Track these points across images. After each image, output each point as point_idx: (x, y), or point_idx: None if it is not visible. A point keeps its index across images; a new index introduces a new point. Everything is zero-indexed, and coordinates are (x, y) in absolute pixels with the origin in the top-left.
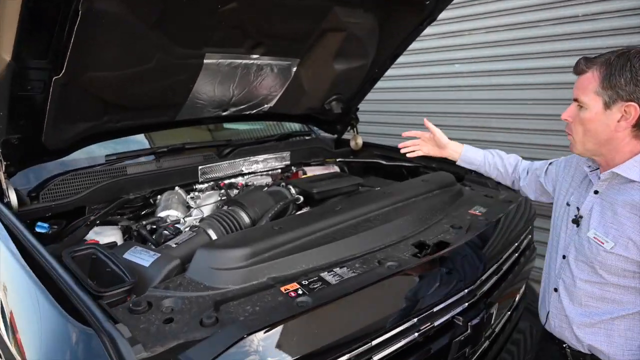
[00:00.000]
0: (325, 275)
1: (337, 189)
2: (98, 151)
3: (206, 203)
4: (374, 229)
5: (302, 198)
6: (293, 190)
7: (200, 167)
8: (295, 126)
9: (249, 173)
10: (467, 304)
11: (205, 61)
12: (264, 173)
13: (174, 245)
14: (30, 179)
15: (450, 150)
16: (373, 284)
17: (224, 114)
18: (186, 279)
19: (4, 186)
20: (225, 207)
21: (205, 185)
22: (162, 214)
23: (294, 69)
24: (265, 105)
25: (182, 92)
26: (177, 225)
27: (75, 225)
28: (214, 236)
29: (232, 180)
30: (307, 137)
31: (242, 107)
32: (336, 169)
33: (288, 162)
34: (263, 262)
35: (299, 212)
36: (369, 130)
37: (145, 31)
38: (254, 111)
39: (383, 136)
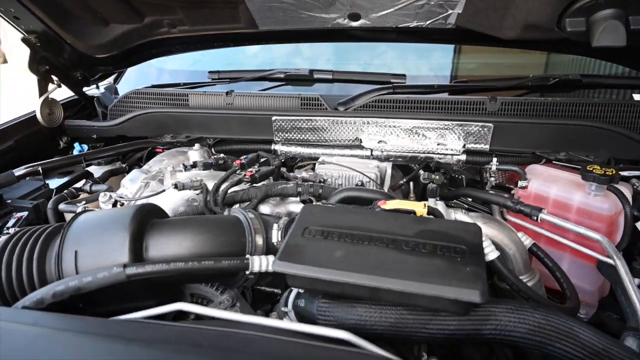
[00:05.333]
0: None
1: None
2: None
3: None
4: None
5: None
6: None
7: (274, 119)
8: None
9: (369, 151)
10: None
11: None
12: (413, 156)
13: None
14: None
15: None
16: None
17: (355, 24)
18: None
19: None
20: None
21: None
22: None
23: None
24: (450, 11)
25: None
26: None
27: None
28: None
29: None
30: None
31: (389, 10)
32: (623, 193)
33: (486, 145)
34: None
35: None
36: None
37: None
38: (427, 23)
39: None
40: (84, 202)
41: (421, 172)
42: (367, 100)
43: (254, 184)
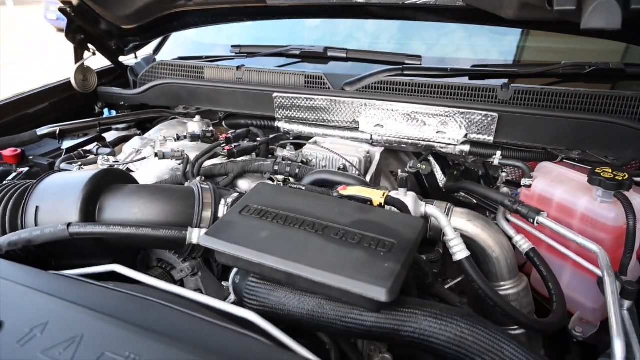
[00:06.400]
0: None
1: None
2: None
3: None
4: None
5: None
6: None
7: (275, 95)
8: None
9: (369, 135)
10: None
11: None
12: (414, 143)
13: None
14: None
15: None
16: None
17: (361, 0)
18: None
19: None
20: None
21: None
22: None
23: None
24: None
25: None
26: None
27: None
28: None
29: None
30: None
31: None
32: (630, 201)
33: (490, 137)
34: None
35: None
36: None
37: None
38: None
39: None
40: (79, 162)
41: (412, 161)
42: (373, 81)
43: (232, 159)
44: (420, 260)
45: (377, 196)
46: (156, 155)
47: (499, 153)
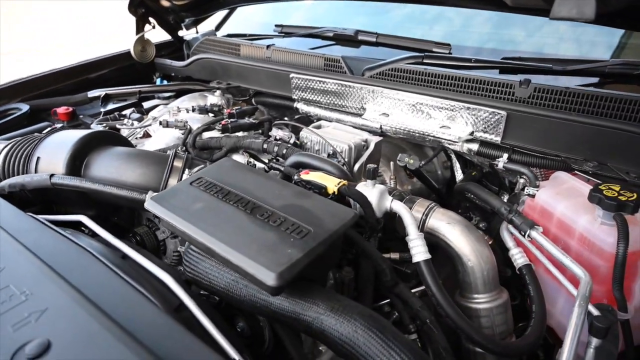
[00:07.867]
0: None
1: None
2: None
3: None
4: None
5: None
6: None
7: (292, 76)
8: None
9: (378, 123)
10: None
11: None
12: (421, 136)
13: None
14: None
15: None
16: None
17: None
18: None
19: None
20: None
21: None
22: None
23: None
24: None
25: None
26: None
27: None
28: None
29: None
30: None
31: None
32: (627, 226)
33: (497, 137)
34: None
35: None
36: None
37: None
38: None
39: None
40: (104, 124)
41: (400, 154)
42: (391, 67)
43: (227, 134)
44: (377, 256)
45: (332, 184)
46: (160, 123)
47: (505, 156)
